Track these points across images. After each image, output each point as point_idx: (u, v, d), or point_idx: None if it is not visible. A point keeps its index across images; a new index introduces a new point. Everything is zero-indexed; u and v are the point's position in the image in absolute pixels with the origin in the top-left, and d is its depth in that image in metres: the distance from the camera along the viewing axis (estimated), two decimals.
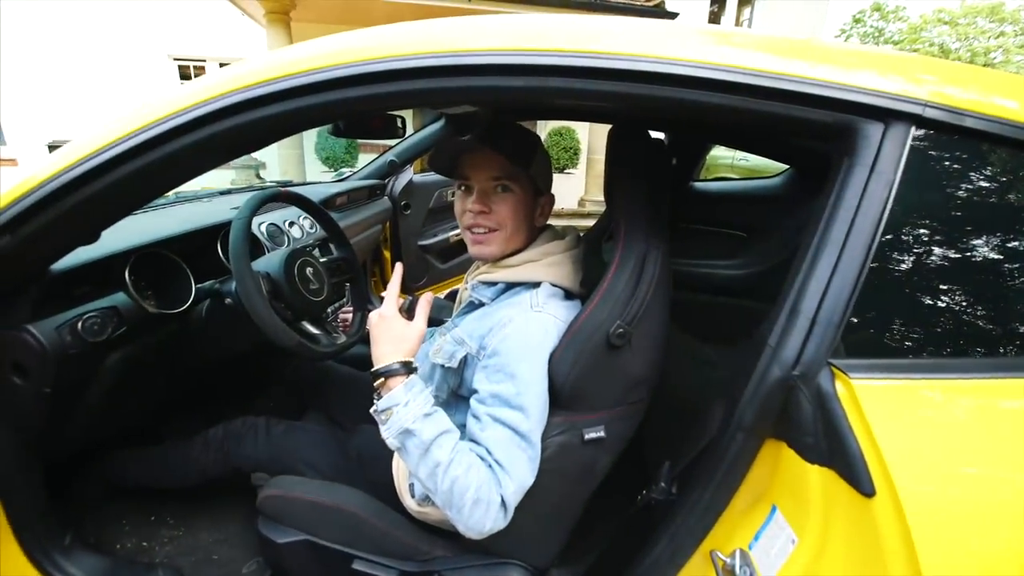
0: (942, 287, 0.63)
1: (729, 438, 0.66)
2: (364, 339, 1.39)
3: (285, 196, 1.22)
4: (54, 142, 7.45)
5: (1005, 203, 0.65)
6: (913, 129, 0.61)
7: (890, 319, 0.63)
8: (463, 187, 0.94)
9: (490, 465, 0.76)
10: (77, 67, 8.07)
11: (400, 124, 1.61)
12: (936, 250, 0.63)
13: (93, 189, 0.71)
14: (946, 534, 0.51)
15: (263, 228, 1.46)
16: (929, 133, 0.62)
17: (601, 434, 0.85)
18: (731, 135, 1.50)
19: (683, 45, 0.65)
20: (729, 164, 6.28)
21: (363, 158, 7.17)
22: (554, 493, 0.87)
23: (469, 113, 1.90)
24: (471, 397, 0.84)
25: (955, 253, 0.63)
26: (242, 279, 0.99)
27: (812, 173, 1.54)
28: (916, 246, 0.63)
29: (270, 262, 1.13)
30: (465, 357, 0.88)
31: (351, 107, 0.66)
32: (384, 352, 0.80)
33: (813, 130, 0.66)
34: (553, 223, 1.02)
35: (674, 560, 0.74)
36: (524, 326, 0.83)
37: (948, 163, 0.63)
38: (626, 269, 0.82)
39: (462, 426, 0.93)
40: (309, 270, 1.18)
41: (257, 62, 0.71)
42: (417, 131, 2.23)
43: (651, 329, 0.85)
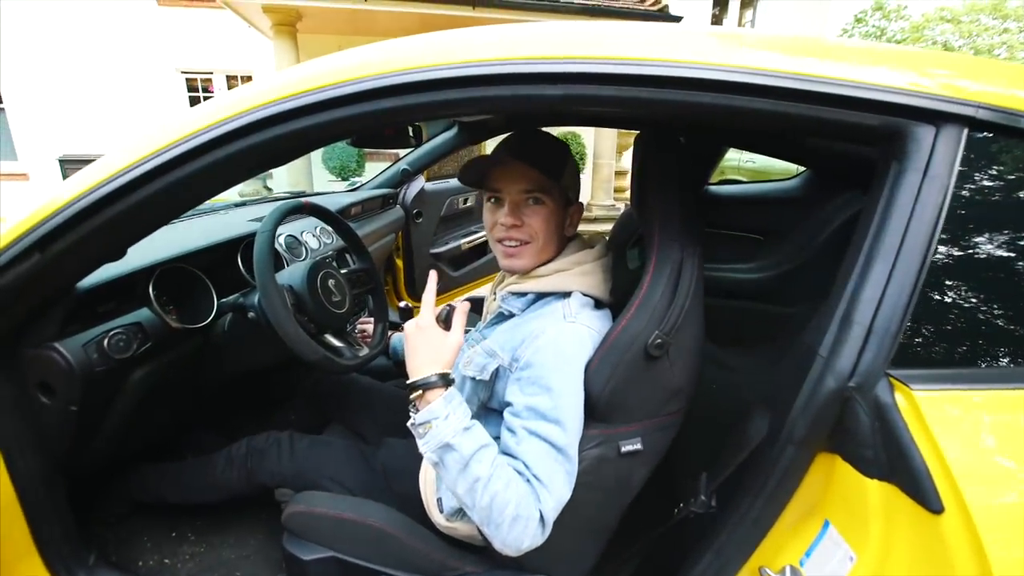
0: (1004, 293, 0.61)
1: (779, 450, 0.64)
2: (385, 351, 1.38)
3: (308, 208, 1.21)
4: (64, 156, 7.51)
5: None
6: (966, 131, 0.59)
7: (950, 327, 0.60)
8: (493, 199, 0.93)
9: (528, 480, 0.74)
10: (86, 81, 8.14)
11: (412, 133, 1.61)
12: (997, 255, 0.61)
13: (124, 205, 0.70)
14: None
15: (282, 240, 1.46)
16: (983, 135, 0.60)
17: (638, 446, 0.83)
18: (753, 138, 1.48)
19: (721, 50, 0.64)
20: (736, 166, 6.25)
21: (369, 166, 7.19)
22: (589, 507, 0.85)
23: (482, 120, 1.90)
24: (505, 410, 0.83)
25: (1017, 258, 0.61)
26: (268, 293, 0.98)
27: (830, 175, 1.53)
28: (975, 252, 0.61)
29: (293, 275, 1.12)
30: (497, 369, 0.87)
31: (390, 117, 0.66)
32: (421, 364, 0.77)
33: (859, 134, 0.64)
34: None
35: None
36: (558, 337, 0.82)
37: (1005, 166, 0.61)
38: (662, 277, 0.80)
39: (494, 439, 0.92)
40: (331, 282, 1.17)
41: (287, 76, 0.70)
42: (429, 139, 2.23)
43: (688, 338, 0.83)
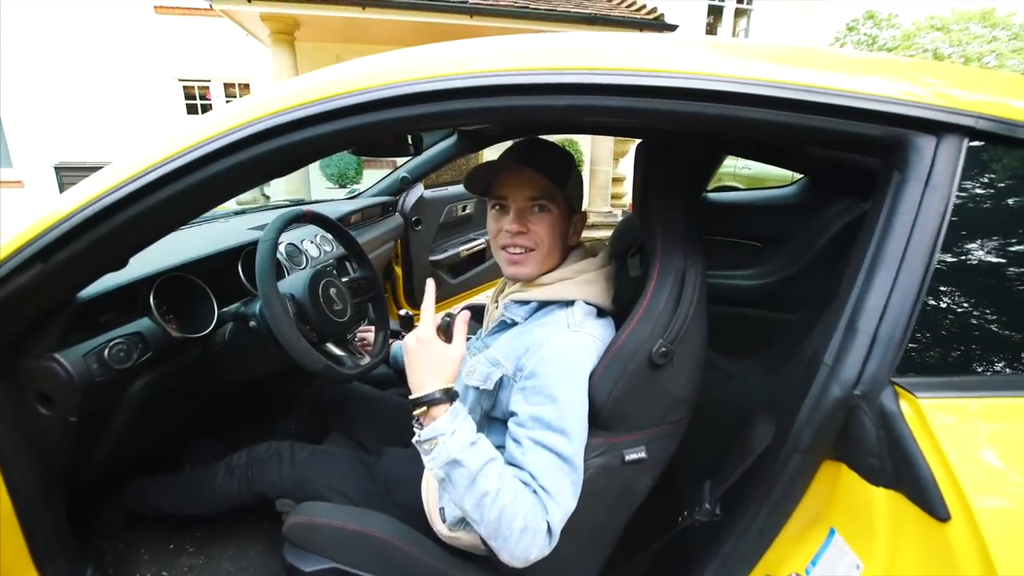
0: (1007, 300, 0.61)
1: (784, 458, 0.64)
2: (386, 359, 1.38)
3: (311, 217, 1.21)
4: (61, 164, 7.49)
5: None
6: (966, 141, 0.60)
7: (954, 335, 0.61)
8: (498, 206, 0.93)
9: (535, 491, 0.74)
10: (82, 89, 8.14)
11: (412, 142, 1.61)
12: (1000, 263, 0.62)
13: (126, 216, 0.70)
14: None
15: (282, 249, 1.46)
16: (983, 145, 0.61)
17: (642, 455, 0.83)
18: (752, 146, 1.50)
19: (725, 61, 0.64)
20: (732, 172, 6.29)
21: (367, 174, 7.19)
22: (593, 516, 0.85)
23: (481, 129, 1.91)
24: (509, 420, 0.82)
25: (1020, 266, 0.61)
26: (270, 302, 0.98)
27: (827, 182, 1.54)
28: (978, 260, 0.61)
29: (294, 284, 1.12)
30: (501, 379, 0.87)
31: (395, 127, 0.66)
32: (424, 379, 0.75)
33: (861, 144, 0.65)
34: None
35: None
36: (562, 346, 0.82)
37: (1005, 175, 0.62)
38: (665, 286, 0.81)
39: (497, 448, 0.92)
40: (333, 291, 1.17)
41: (289, 87, 0.70)
42: (428, 148, 2.24)
43: (692, 347, 0.83)
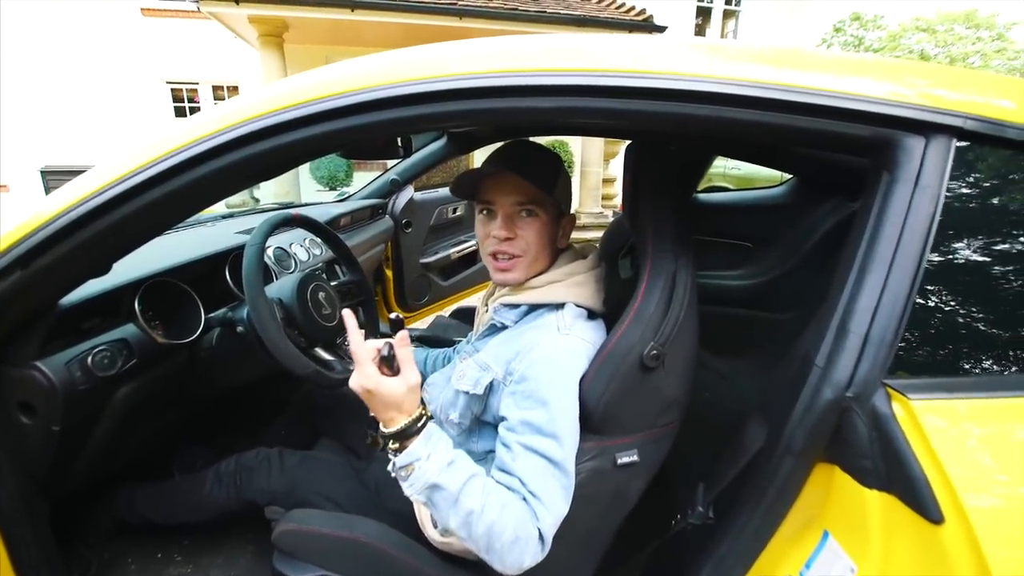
0: (999, 301, 0.62)
1: (777, 461, 0.64)
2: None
3: (299, 220, 1.20)
4: (47, 167, 7.39)
5: None
6: (955, 142, 0.60)
7: (946, 336, 0.61)
8: (485, 211, 0.92)
9: (524, 498, 0.73)
10: (69, 92, 8.04)
11: (401, 144, 1.60)
12: (990, 263, 0.62)
13: (110, 220, 0.69)
14: None
15: (270, 253, 1.44)
16: (971, 146, 0.61)
17: (634, 458, 0.82)
18: (741, 147, 1.50)
19: (713, 62, 0.64)
20: (722, 173, 6.33)
21: (357, 177, 7.16)
22: (585, 521, 0.84)
23: (470, 131, 1.90)
24: (500, 425, 0.82)
25: (1009, 265, 0.62)
26: (257, 307, 0.96)
27: (816, 182, 1.55)
28: (968, 260, 0.61)
29: (282, 288, 1.10)
30: (491, 383, 0.86)
31: (383, 130, 0.65)
32: (389, 417, 0.71)
33: (849, 144, 0.65)
34: None
35: None
36: (552, 350, 0.81)
37: (993, 175, 0.62)
38: (656, 288, 0.80)
39: (487, 452, 0.91)
40: (321, 295, 1.15)
41: (275, 89, 0.69)
42: (418, 150, 2.23)
43: (683, 348, 0.83)
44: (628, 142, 0.99)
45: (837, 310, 0.61)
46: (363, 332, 1.32)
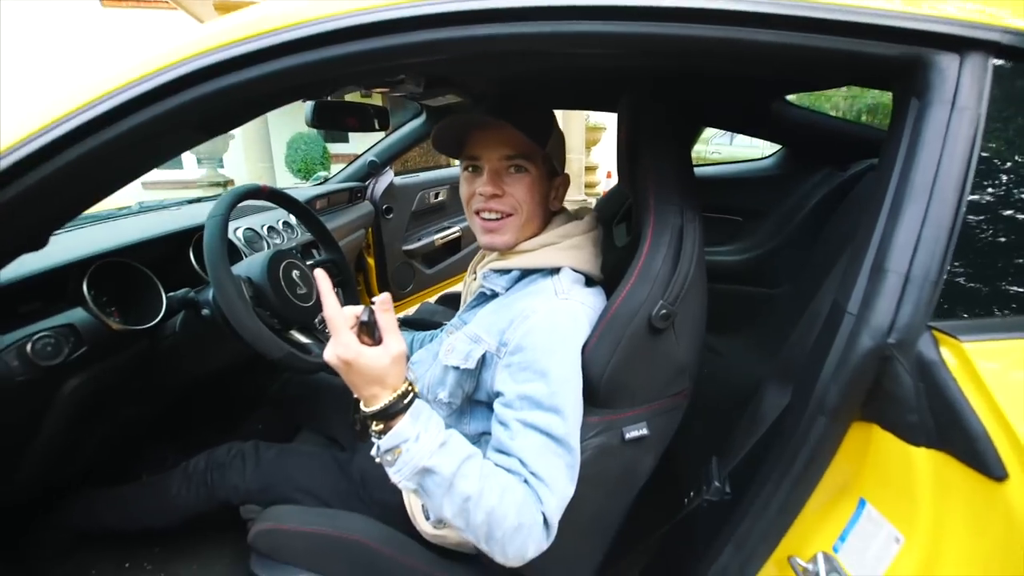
0: None
1: (807, 424, 0.57)
2: None
3: (267, 192, 1.10)
4: None
5: None
6: (992, 59, 0.54)
7: (998, 269, 0.55)
8: (471, 168, 0.84)
9: (525, 480, 0.66)
10: (26, 85, 7.74)
11: (375, 114, 1.50)
12: None
13: (36, 177, 0.59)
14: None
15: (240, 233, 1.34)
16: (1009, 63, 0.55)
17: (644, 431, 0.75)
18: (731, 111, 1.45)
19: None
20: (703, 157, 6.33)
21: (336, 168, 7.01)
22: (592, 503, 0.77)
23: (451, 105, 1.81)
24: (495, 401, 0.74)
25: None
26: (221, 284, 0.87)
27: (806, 150, 1.51)
28: (1017, 185, 0.55)
29: (251, 265, 1.01)
30: (484, 356, 0.78)
31: (350, 65, 0.57)
32: (371, 394, 0.62)
33: (872, 68, 0.58)
34: None
35: (744, 571, 0.65)
36: (551, 316, 0.74)
37: None
38: (662, 244, 0.73)
39: (481, 434, 0.83)
40: (296, 273, 1.06)
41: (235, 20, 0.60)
42: (395, 128, 2.13)
43: (693, 309, 0.76)
44: (611, 128, 0.92)
45: (870, 248, 0.55)
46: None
